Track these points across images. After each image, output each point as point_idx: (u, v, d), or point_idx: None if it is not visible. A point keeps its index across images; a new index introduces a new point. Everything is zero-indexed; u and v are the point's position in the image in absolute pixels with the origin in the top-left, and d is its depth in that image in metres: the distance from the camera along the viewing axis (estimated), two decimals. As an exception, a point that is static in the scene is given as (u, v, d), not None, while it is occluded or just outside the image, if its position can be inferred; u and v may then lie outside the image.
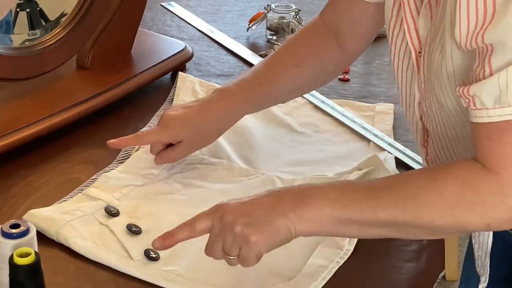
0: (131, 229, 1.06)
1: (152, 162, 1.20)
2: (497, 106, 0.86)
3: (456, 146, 1.02)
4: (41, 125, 1.24)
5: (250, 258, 0.91)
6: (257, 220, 0.91)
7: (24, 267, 0.80)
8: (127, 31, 1.44)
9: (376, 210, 0.89)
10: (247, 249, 0.91)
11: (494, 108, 0.86)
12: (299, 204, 0.91)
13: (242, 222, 0.91)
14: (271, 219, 0.90)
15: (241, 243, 0.91)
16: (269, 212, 0.91)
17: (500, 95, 0.85)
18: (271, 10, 1.64)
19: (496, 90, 0.85)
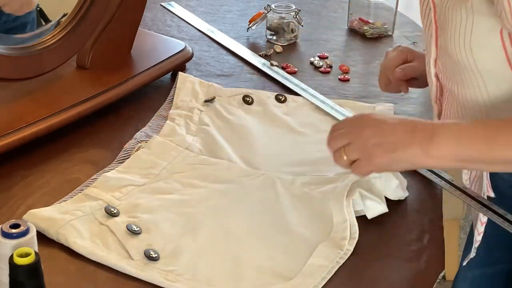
0: (131, 229, 1.06)
1: (152, 162, 1.20)
2: None
3: (468, 104, 1.06)
4: (41, 125, 1.24)
5: (364, 171, 1.02)
6: (388, 144, 0.98)
7: (24, 267, 0.80)
8: (127, 31, 1.44)
9: (494, 150, 0.95)
10: (367, 163, 1.00)
11: None
12: (427, 141, 0.97)
13: (375, 141, 0.99)
14: (400, 148, 0.98)
15: (365, 155, 1.00)
16: (401, 141, 0.98)
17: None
18: (271, 10, 1.64)
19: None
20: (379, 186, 1.14)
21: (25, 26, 1.42)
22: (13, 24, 1.41)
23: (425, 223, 1.15)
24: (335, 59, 1.58)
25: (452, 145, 0.97)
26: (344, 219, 1.09)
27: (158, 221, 1.09)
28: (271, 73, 1.51)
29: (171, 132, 1.27)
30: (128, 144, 1.25)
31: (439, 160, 0.98)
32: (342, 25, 1.73)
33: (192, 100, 1.37)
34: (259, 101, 1.39)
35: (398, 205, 1.16)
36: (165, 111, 1.35)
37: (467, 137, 0.97)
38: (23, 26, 1.42)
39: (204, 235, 1.07)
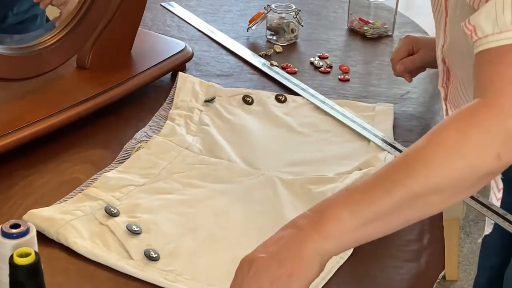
0: (131, 229, 1.06)
1: (152, 162, 1.20)
2: (496, 31, 0.86)
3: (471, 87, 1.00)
4: (41, 125, 1.24)
5: None
6: (286, 256, 0.86)
7: (24, 267, 0.80)
8: (127, 31, 1.44)
9: (390, 190, 0.86)
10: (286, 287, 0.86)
11: (493, 34, 0.87)
12: (318, 221, 0.87)
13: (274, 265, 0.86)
14: (299, 248, 0.86)
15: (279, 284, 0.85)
16: (294, 243, 0.86)
17: (497, 18, 0.86)
18: (271, 10, 1.64)
19: (493, 14, 0.86)
20: (379, 186, 1.14)
21: (35, 18, 1.42)
22: (24, 17, 1.42)
23: (425, 223, 1.14)
24: (335, 59, 1.58)
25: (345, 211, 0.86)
26: (344, 219, 1.08)
27: (158, 221, 1.09)
28: (271, 73, 1.51)
29: (171, 132, 1.28)
30: (128, 144, 1.25)
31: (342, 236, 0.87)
32: (342, 25, 1.73)
33: (192, 100, 1.37)
34: (259, 101, 1.40)
35: (398, 205, 1.16)
36: (165, 111, 1.35)
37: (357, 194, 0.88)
38: (34, 18, 1.42)
39: (204, 235, 1.07)
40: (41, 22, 1.43)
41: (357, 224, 0.86)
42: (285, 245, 0.87)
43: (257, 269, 0.86)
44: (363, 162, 1.17)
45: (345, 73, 1.53)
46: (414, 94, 1.45)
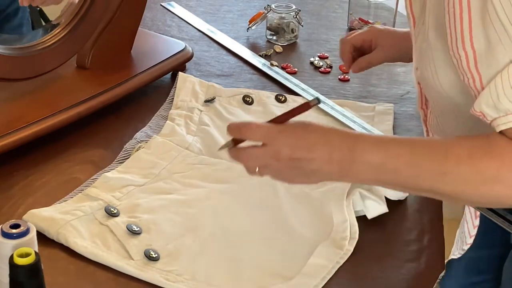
0: (131, 229, 1.06)
1: (152, 162, 1.20)
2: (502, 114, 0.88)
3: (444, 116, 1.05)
4: (41, 125, 1.24)
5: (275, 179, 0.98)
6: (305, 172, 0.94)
7: (24, 267, 0.80)
8: (127, 31, 1.44)
9: (418, 181, 0.91)
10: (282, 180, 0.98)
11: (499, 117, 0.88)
12: (347, 165, 0.92)
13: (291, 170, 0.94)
14: (317, 175, 0.94)
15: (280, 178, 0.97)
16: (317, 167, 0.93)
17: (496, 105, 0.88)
18: (271, 10, 1.65)
19: (491, 103, 0.88)
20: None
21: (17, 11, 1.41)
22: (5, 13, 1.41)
23: (425, 223, 1.15)
24: (335, 59, 1.58)
25: (371, 172, 0.92)
26: (344, 219, 1.09)
27: (158, 221, 1.09)
28: (271, 73, 1.51)
29: (171, 132, 1.28)
30: (128, 144, 1.25)
31: (357, 180, 0.98)
32: (342, 25, 1.73)
33: (192, 100, 1.37)
34: (259, 101, 1.40)
35: (398, 205, 1.16)
36: (165, 111, 1.35)
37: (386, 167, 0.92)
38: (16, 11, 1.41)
39: (204, 235, 1.07)
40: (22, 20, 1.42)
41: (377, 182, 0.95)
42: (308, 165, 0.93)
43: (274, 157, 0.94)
44: (363, 162, 1.17)
45: (345, 73, 1.53)
46: (414, 94, 1.44)
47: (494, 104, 0.88)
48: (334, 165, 0.92)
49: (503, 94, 0.87)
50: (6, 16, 1.41)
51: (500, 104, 0.88)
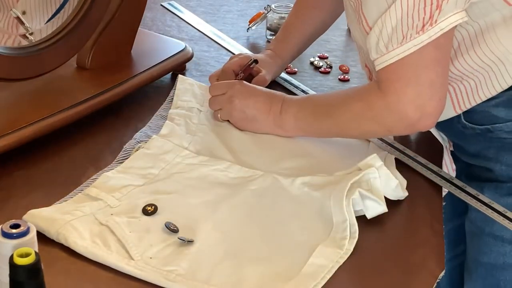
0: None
1: (152, 162, 1.20)
2: (377, 55, 1.13)
3: None
4: (41, 125, 1.24)
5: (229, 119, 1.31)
6: (249, 117, 1.29)
7: (24, 267, 0.80)
8: (127, 31, 1.44)
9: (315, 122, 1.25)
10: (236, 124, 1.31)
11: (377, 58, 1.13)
12: (278, 116, 1.27)
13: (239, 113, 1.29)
14: (258, 120, 1.28)
15: (233, 121, 1.30)
16: (259, 114, 1.28)
17: (376, 45, 1.12)
18: (271, 10, 1.65)
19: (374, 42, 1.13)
20: (379, 186, 1.14)
21: None
22: None
23: (424, 223, 1.15)
24: (335, 59, 1.58)
25: (292, 120, 1.26)
26: (344, 219, 1.09)
27: (158, 221, 1.09)
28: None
29: (171, 132, 1.27)
30: (128, 144, 1.25)
31: (287, 131, 1.28)
32: (342, 25, 1.73)
33: (192, 100, 1.37)
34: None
35: (398, 205, 1.17)
36: (165, 111, 1.35)
37: (301, 114, 1.25)
38: None
39: (203, 235, 1.07)
40: None
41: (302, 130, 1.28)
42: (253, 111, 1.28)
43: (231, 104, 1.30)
44: (363, 162, 1.17)
45: (345, 73, 1.53)
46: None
47: (376, 44, 1.12)
48: (271, 116, 1.27)
49: (381, 36, 1.11)
50: None
51: (378, 46, 1.12)
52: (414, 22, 1.08)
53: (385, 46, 1.12)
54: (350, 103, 1.20)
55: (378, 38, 1.12)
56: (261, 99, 1.28)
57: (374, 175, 1.14)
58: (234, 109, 1.28)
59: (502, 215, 1.14)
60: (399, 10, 1.08)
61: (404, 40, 1.10)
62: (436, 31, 1.09)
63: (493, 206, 1.16)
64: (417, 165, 1.25)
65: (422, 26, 1.08)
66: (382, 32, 1.11)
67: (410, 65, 1.12)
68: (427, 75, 1.12)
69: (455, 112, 1.25)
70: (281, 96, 1.28)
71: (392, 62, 1.12)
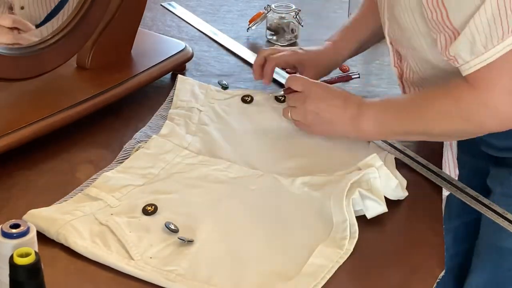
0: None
1: (152, 162, 1.20)
2: (474, 56, 1.07)
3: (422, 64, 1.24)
4: (41, 125, 1.24)
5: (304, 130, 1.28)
6: (323, 120, 1.23)
7: (24, 267, 0.80)
8: (127, 31, 1.44)
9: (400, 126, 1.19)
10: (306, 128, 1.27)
11: (472, 59, 1.08)
12: (355, 119, 1.21)
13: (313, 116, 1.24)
14: (333, 124, 1.23)
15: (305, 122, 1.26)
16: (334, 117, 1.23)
17: (472, 47, 1.07)
18: (271, 10, 1.65)
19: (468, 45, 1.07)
20: (379, 186, 1.14)
21: None
22: None
23: (424, 223, 1.15)
24: (335, 59, 1.57)
25: (372, 122, 1.20)
26: (344, 219, 1.09)
27: (157, 221, 1.09)
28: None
29: (171, 132, 1.28)
30: (128, 144, 1.25)
31: (367, 135, 1.23)
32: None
33: (192, 100, 1.37)
34: (259, 101, 1.40)
35: (398, 205, 1.16)
36: (165, 111, 1.35)
37: (382, 116, 1.19)
38: None
39: (203, 235, 1.07)
40: None
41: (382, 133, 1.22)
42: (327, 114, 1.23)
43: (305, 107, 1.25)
44: (363, 162, 1.17)
45: (346, 73, 1.53)
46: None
47: (472, 45, 1.06)
48: (347, 119, 1.21)
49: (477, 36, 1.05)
50: None
51: (474, 47, 1.06)
52: None
53: (483, 46, 1.06)
54: (437, 101, 1.15)
55: (473, 40, 1.06)
56: (335, 102, 1.23)
57: (374, 175, 1.14)
58: (307, 111, 1.24)
59: (502, 216, 1.14)
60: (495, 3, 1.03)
61: (505, 35, 1.05)
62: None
63: (492, 207, 1.16)
64: (417, 165, 1.25)
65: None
66: (479, 33, 1.06)
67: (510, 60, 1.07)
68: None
69: None
70: (357, 98, 1.24)
71: (492, 60, 1.07)
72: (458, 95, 1.12)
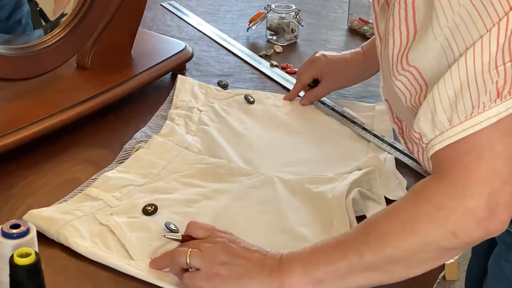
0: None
1: (152, 162, 1.20)
2: (437, 133, 0.86)
3: None
4: (41, 125, 1.24)
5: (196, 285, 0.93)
6: (237, 267, 0.92)
7: (24, 267, 0.80)
8: (127, 31, 1.44)
9: (345, 254, 0.89)
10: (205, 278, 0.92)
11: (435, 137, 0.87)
12: (279, 270, 0.91)
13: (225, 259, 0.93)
14: (248, 275, 0.92)
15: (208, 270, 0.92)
16: (251, 266, 0.92)
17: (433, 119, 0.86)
18: (271, 10, 1.65)
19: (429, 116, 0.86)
20: (379, 186, 1.14)
21: (19, 22, 1.41)
22: (8, 24, 1.41)
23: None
24: (335, 59, 1.57)
25: (300, 268, 0.91)
26: (344, 218, 1.09)
27: (158, 221, 1.09)
28: (271, 73, 1.51)
29: (171, 131, 1.28)
30: (128, 144, 1.25)
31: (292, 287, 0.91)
32: (342, 25, 1.73)
33: (192, 100, 1.37)
34: (259, 101, 1.40)
35: (398, 205, 1.16)
36: (165, 111, 1.35)
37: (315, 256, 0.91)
38: (18, 23, 1.41)
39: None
40: (25, 25, 1.42)
41: (309, 281, 0.90)
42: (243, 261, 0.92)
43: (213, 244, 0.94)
44: (363, 162, 1.17)
45: (345, 73, 1.53)
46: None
47: (432, 118, 0.86)
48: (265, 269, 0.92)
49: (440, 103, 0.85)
50: None
51: (436, 118, 0.86)
52: (486, 87, 0.83)
53: (448, 120, 0.86)
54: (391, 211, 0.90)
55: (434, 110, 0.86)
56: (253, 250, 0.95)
57: (374, 175, 1.14)
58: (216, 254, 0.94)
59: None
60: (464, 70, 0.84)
61: (474, 111, 0.84)
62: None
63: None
64: (417, 165, 1.25)
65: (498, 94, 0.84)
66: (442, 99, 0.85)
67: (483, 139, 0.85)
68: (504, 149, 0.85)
69: None
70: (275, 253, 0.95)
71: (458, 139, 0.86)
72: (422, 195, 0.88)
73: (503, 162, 0.84)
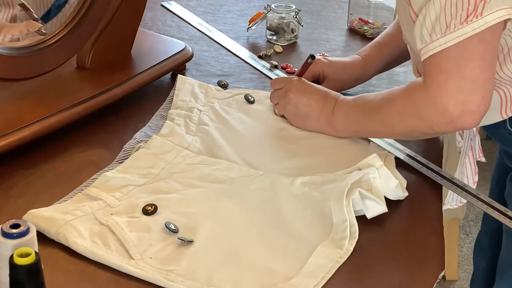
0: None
1: (152, 162, 1.20)
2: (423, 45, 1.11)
3: None
4: (41, 125, 1.24)
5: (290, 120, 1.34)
6: (302, 113, 1.30)
7: (24, 267, 0.80)
8: (127, 31, 1.44)
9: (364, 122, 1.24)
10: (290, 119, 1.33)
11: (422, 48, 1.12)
12: (330, 115, 1.27)
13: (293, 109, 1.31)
14: (310, 118, 1.30)
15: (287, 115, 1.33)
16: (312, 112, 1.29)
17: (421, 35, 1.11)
18: (271, 10, 1.65)
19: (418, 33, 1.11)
20: (379, 186, 1.14)
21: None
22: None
23: (424, 223, 1.15)
24: (335, 59, 1.57)
25: (342, 119, 1.26)
26: (344, 219, 1.09)
27: (158, 221, 1.09)
28: (271, 73, 1.51)
29: (171, 132, 1.28)
30: (128, 144, 1.25)
31: (338, 131, 1.27)
32: (342, 25, 1.73)
33: (192, 100, 1.37)
34: (259, 101, 1.40)
35: (398, 205, 1.16)
36: (165, 111, 1.35)
37: (351, 114, 1.25)
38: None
39: (204, 235, 1.07)
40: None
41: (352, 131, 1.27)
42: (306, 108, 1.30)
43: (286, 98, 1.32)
44: (363, 162, 1.17)
45: (345, 73, 1.53)
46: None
47: (420, 33, 1.11)
48: (323, 114, 1.28)
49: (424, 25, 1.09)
50: None
51: (422, 35, 1.10)
52: (458, 12, 1.06)
53: (429, 35, 1.09)
54: (395, 99, 1.19)
55: (422, 26, 1.10)
56: (315, 97, 1.29)
57: (374, 175, 1.14)
58: (288, 103, 1.30)
59: (503, 214, 1.14)
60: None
61: (447, 30, 1.07)
62: (480, 24, 1.05)
63: (493, 205, 1.16)
64: (417, 165, 1.25)
65: (466, 17, 1.05)
66: (426, 20, 1.09)
67: (452, 57, 1.09)
68: (470, 69, 1.08)
69: (501, 117, 1.22)
70: (335, 96, 1.28)
71: (435, 52, 1.09)
72: (413, 94, 1.15)
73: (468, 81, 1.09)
